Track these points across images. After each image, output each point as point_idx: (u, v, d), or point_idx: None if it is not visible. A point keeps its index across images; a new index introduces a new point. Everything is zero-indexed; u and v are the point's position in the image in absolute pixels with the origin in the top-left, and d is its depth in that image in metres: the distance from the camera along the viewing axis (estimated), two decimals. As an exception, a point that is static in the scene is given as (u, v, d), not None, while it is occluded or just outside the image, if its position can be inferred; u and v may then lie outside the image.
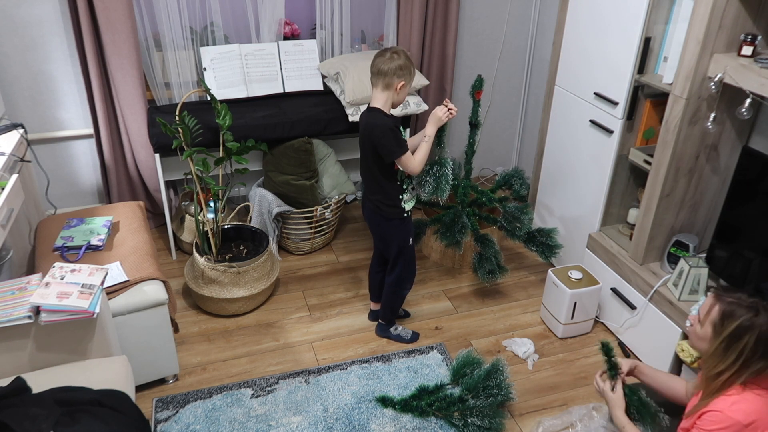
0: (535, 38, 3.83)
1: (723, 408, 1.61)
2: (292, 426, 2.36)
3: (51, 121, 3.22)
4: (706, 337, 1.69)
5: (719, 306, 1.66)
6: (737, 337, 1.61)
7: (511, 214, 3.06)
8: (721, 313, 1.65)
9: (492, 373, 2.44)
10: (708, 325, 1.68)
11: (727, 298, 1.67)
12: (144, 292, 2.28)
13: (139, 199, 3.44)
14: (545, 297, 2.93)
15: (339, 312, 3.00)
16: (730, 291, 1.70)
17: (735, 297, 1.67)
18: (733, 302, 1.65)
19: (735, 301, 1.65)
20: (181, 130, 2.67)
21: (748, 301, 1.64)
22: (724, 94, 2.31)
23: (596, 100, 2.80)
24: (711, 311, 1.68)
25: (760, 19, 2.24)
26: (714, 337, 1.66)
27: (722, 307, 1.66)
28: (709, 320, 1.68)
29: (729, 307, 1.64)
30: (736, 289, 1.73)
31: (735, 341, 1.61)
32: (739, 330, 1.61)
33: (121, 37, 2.96)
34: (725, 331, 1.63)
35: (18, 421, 1.57)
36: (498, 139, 4.13)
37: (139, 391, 2.45)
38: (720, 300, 1.67)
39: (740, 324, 1.61)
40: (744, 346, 1.60)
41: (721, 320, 1.65)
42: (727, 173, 2.58)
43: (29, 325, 1.88)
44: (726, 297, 1.67)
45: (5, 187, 2.10)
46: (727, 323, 1.63)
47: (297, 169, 3.18)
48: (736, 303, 1.64)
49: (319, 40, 3.45)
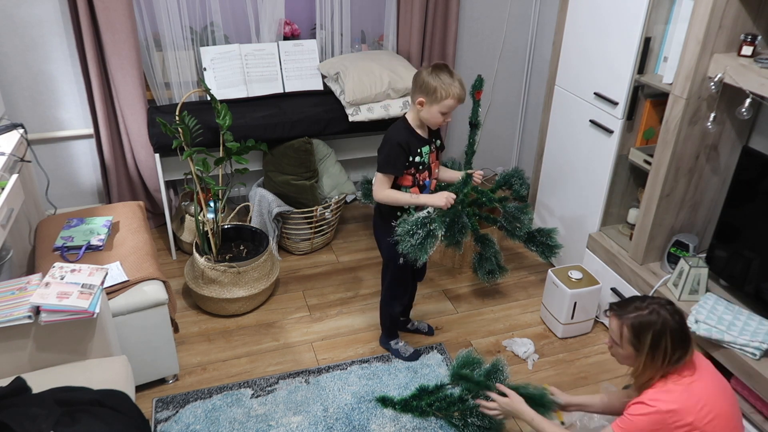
0: (535, 38, 3.83)
1: (643, 398, 1.73)
2: (292, 426, 2.36)
3: (51, 121, 3.22)
4: (630, 355, 1.79)
5: (626, 325, 1.76)
6: (656, 344, 1.72)
7: (511, 214, 3.05)
8: (631, 330, 1.75)
9: (492, 373, 2.44)
10: (627, 345, 1.77)
11: (627, 313, 1.77)
12: (144, 292, 2.28)
13: (139, 199, 3.44)
14: (545, 297, 2.93)
15: (339, 312, 3.00)
16: (625, 305, 1.80)
17: (632, 309, 1.77)
18: (636, 316, 1.74)
19: (637, 315, 1.75)
20: (181, 130, 2.67)
21: (646, 308, 1.75)
22: (724, 94, 2.31)
23: (596, 100, 2.80)
24: (622, 333, 1.77)
25: (760, 19, 2.24)
26: (636, 353, 1.76)
27: (629, 324, 1.75)
28: (625, 341, 1.77)
29: (635, 322, 1.74)
30: (628, 301, 1.81)
31: (656, 349, 1.72)
32: (655, 338, 1.71)
33: (121, 37, 2.96)
34: (645, 345, 1.73)
35: (18, 421, 1.57)
36: (498, 139, 4.13)
37: (139, 391, 2.45)
38: (623, 318, 1.77)
39: (653, 333, 1.72)
40: (665, 349, 1.71)
41: (636, 336, 1.75)
42: (727, 173, 2.58)
43: (29, 325, 1.88)
44: (625, 313, 1.77)
45: (5, 187, 2.10)
46: (642, 337, 1.73)
47: (297, 169, 3.18)
48: (638, 316, 1.74)
49: (319, 40, 3.45)
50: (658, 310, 1.74)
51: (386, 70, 3.19)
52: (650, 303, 1.76)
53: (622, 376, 2.63)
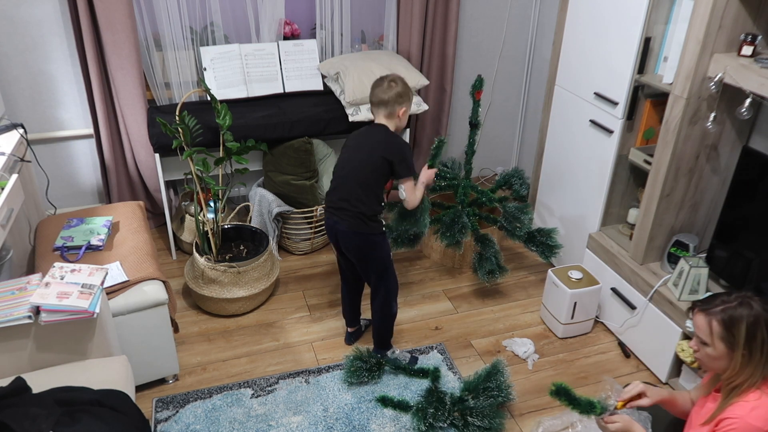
0: (535, 38, 3.83)
1: (742, 414, 1.58)
2: (292, 426, 2.36)
3: (51, 121, 3.22)
4: (722, 355, 1.65)
5: (715, 320, 1.64)
6: (752, 336, 1.59)
7: (511, 214, 3.06)
8: (722, 324, 1.62)
9: (492, 374, 2.45)
10: (718, 343, 1.64)
11: (714, 308, 1.65)
12: (144, 292, 2.28)
13: (139, 199, 3.44)
14: (545, 297, 2.93)
15: (339, 312, 3.00)
16: (709, 301, 1.69)
17: (719, 302, 1.65)
18: (725, 309, 1.63)
19: (725, 308, 1.63)
20: (181, 130, 2.67)
21: (735, 300, 1.63)
22: (724, 94, 2.31)
23: (596, 100, 2.80)
24: (712, 329, 1.65)
25: (760, 19, 2.24)
26: (730, 349, 1.63)
27: (719, 318, 1.63)
28: (716, 338, 1.64)
29: (726, 315, 1.62)
30: (711, 296, 1.72)
31: (752, 341, 1.59)
32: (750, 330, 1.59)
33: (121, 37, 2.96)
34: (740, 339, 1.60)
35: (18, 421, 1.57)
36: (498, 139, 4.13)
37: (139, 391, 2.45)
38: (711, 314, 1.65)
39: (747, 324, 1.59)
40: (762, 341, 1.59)
41: (728, 331, 1.62)
42: (727, 173, 2.58)
43: (29, 325, 1.88)
44: (713, 308, 1.66)
45: (5, 187, 2.10)
46: (735, 331, 1.60)
47: (297, 169, 3.18)
48: (727, 309, 1.63)
49: (319, 40, 3.45)
50: (747, 301, 1.61)
51: (386, 70, 3.19)
52: (737, 295, 1.64)
53: (622, 376, 2.64)
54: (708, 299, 1.70)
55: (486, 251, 3.00)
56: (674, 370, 2.56)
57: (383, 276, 2.47)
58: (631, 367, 2.71)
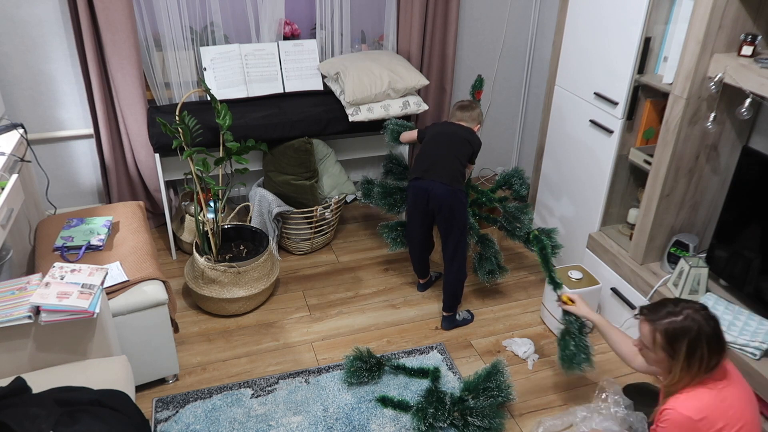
0: (535, 38, 3.83)
1: (675, 405, 1.68)
2: (292, 426, 2.36)
3: (51, 121, 3.22)
4: (662, 360, 1.74)
5: (659, 331, 1.70)
6: (692, 352, 1.66)
7: (511, 214, 3.06)
8: (665, 336, 1.69)
9: (492, 374, 2.44)
10: (660, 351, 1.72)
11: (659, 319, 1.71)
12: (144, 292, 2.28)
13: (139, 199, 3.44)
14: (545, 297, 2.93)
15: (339, 312, 3.00)
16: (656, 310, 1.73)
17: (665, 314, 1.70)
18: (670, 322, 1.68)
19: (671, 321, 1.68)
20: (181, 130, 2.67)
21: (680, 314, 1.68)
22: (724, 94, 2.31)
23: (596, 100, 2.80)
24: (655, 339, 1.72)
25: (760, 19, 2.24)
26: (670, 359, 1.71)
27: (662, 330, 1.70)
28: (658, 347, 1.72)
29: (669, 328, 1.68)
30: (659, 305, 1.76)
31: (692, 356, 1.67)
32: (691, 346, 1.66)
33: (121, 37, 2.96)
34: (680, 353, 1.68)
35: (18, 421, 1.57)
36: (498, 139, 4.13)
37: (139, 391, 2.45)
38: (655, 324, 1.71)
39: (689, 340, 1.66)
40: (701, 356, 1.66)
41: (670, 344, 1.69)
42: (727, 173, 2.58)
43: (29, 325, 1.88)
44: (658, 318, 1.71)
45: (5, 187, 2.10)
46: (677, 345, 1.68)
47: (297, 169, 3.18)
48: (672, 322, 1.68)
49: (319, 40, 3.45)
50: (692, 315, 1.67)
51: (386, 70, 3.19)
52: (684, 307, 1.69)
53: (622, 376, 2.64)
54: (655, 307, 1.76)
55: (486, 251, 3.00)
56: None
57: (462, 236, 2.74)
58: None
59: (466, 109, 2.85)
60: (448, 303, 2.87)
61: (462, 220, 2.72)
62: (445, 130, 2.79)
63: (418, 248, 2.98)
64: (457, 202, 2.67)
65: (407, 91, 3.27)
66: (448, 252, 2.77)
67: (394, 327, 2.91)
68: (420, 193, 2.73)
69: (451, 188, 2.65)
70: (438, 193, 2.66)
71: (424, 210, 2.75)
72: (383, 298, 3.10)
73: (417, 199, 2.76)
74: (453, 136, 2.76)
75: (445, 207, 2.68)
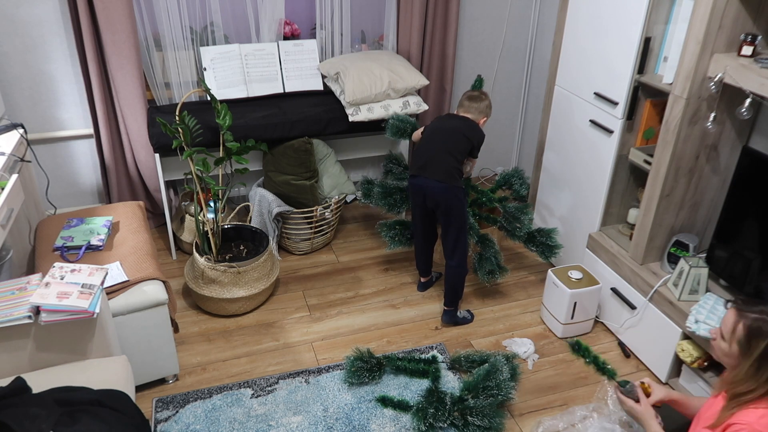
0: (535, 38, 3.83)
1: (751, 421, 1.56)
2: (292, 426, 2.36)
3: (51, 121, 3.22)
4: (732, 354, 1.65)
5: (743, 323, 1.61)
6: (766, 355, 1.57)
7: (511, 214, 3.06)
8: (747, 331, 1.60)
9: (491, 373, 2.44)
10: (734, 344, 1.63)
11: (750, 314, 1.61)
12: (144, 292, 2.28)
13: (139, 199, 3.44)
14: (545, 297, 2.93)
15: (339, 312, 3.00)
16: (751, 304, 1.64)
17: (757, 311, 1.61)
18: (758, 318, 1.59)
19: (759, 317, 1.59)
20: (181, 130, 2.67)
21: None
22: (724, 94, 2.31)
23: (596, 100, 2.80)
24: (735, 329, 1.62)
25: (760, 19, 2.24)
26: (742, 356, 1.62)
27: (747, 324, 1.60)
28: (735, 339, 1.63)
29: (755, 325, 1.59)
30: (756, 301, 1.67)
31: (763, 359, 1.57)
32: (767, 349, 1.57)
33: (121, 37, 2.96)
34: (755, 352, 1.58)
35: (18, 421, 1.57)
36: (498, 139, 4.13)
37: (139, 391, 2.45)
38: (743, 317, 1.62)
39: None
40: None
41: (747, 340, 1.60)
42: (727, 173, 2.58)
43: (29, 325, 1.88)
44: (749, 313, 1.62)
45: (5, 187, 2.10)
46: (755, 343, 1.58)
47: (297, 169, 3.18)
48: (761, 319, 1.59)
49: (319, 40, 3.45)
50: None
51: (386, 70, 3.19)
52: None
53: (622, 376, 2.63)
54: (750, 301, 1.66)
55: (486, 251, 3.00)
56: (674, 370, 2.56)
57: (461, 232, 2.76)
58: (631, 367, 2.71)
59: (475, 100, 2.82)
60: (449, 297, 2.89)
61: (460, 215, 2.73)
62: (443, 126, 2.78)
63: (421, 241, 3.00)
64: (454, 198, 2.68)
65: (407, 91, 3.27)
66: (448, 246, 2.80)
67: (394, 327, 2.91)
68: (417, 191, 2.77)
69: (446, 185, 2.66)
70: (434, 191, 2.68)
71: (423, 206, 2.79)
72: (383, 298, 3.10)
73: (415, 196, 2.81)
74: (451, 132, 2.75)
75: (442, 204, 2.70)
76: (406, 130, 3.12)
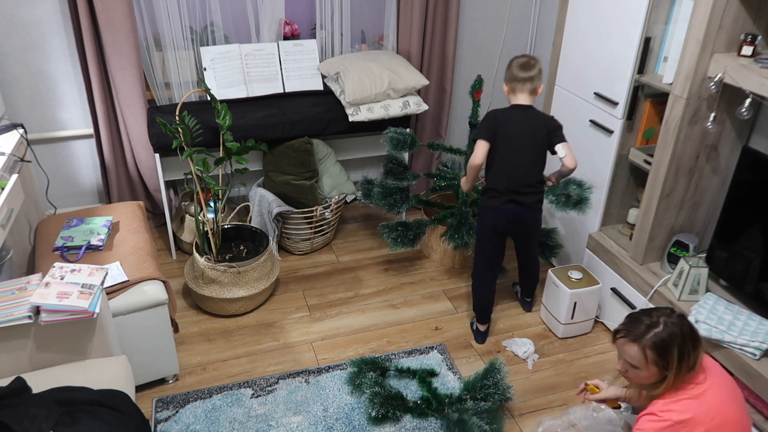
0: (535, 38, 3.83)
1: (655, 410, 1.67)
2: (292, 426, 2.36)
3: (51, 121, 3.22)
4: (653, 375, 1.73)
5: (647, 346, 1.69)
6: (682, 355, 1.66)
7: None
8: (655, 350, 1.68)
9: (490, 373, 2.44)
10: (652, 366, 1.71)
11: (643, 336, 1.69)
12: (144, 292, 2.28)
13: (139, 199, 3.44)
14: (545, 297, 2.93)
15: (339, 312, 3.00)
16: (633, 327, 1.72)
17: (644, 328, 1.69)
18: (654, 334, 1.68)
19: (653, 333, 1.68)
20: (181, 130, 2.67)
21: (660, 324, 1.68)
22: (724, 94, 2.31)
23: (596, 100, 2.80)
24: (645, 355, 1.70)
25: (760, 19, 2.24)
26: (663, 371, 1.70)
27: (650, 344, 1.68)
28: (649, 363, 1.70)
29: (658, 340, 1.67)
30: (631, 322, 1.75)
31: (682, 360, 1.66)
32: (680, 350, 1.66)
33: (121, 37, 2.96)
34: (672, 361, 1.67)
35: (18, 421, 1.57)
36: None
37: (139, 391, 2.45)
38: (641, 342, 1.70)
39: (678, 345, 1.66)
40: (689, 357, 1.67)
41: (661, 355, 1.68)
42: (727, 173, 2.58)
43: (29, 325, 1.88)
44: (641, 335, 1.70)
45: (5, 187, 2.10)
46: (668, 354, 1.67)
47: (297, 169, 3.18)
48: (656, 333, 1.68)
49: (319, 40, 3.45)
50: (669, 321, 1.68)
51: (386, 70, 3.19)
52: (658, 316, 1.70)
53: (622, 376, 2.64)
54: (631, 325, 1.74)
55: (486, 251, 3.00)
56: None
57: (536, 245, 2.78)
58: (631, 367, 2.71)
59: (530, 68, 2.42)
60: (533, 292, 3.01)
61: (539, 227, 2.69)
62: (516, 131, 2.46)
63: (490, 273, 2.70)
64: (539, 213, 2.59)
65: (407, 91, 3.26)
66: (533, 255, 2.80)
67: (394, 327, 2.91)
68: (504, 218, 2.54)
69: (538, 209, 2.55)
70: (526, 216, 2.54)
71: (501, 233, 2.60)
72: (383, 298, 3.10)
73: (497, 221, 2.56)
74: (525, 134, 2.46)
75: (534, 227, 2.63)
76: (405, 141, 3.10)
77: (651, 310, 1.75)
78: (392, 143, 3.11)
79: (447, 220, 3.16)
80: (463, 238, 2.99)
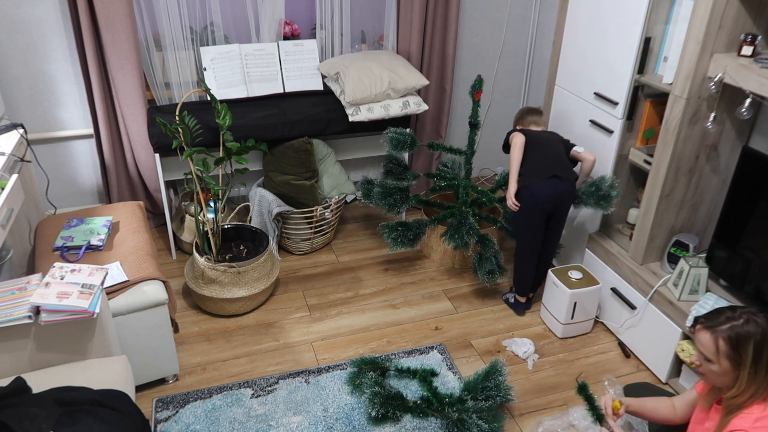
0: (535, 38, 3.83)
1: (747, 426, 1.57)
2: (292, 426, 2.36)
3: (51, 121, 3.22)
4: (726, 372, 1.64)
5: (722, 337, 1.62)
6: (759, 356, 1.58)
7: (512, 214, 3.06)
8: (729, 343, 1.60)
9: (490, 373, 2.45)
10: (723, 360, 1.62)
11: (720, 326, 1.63)
12: (144, 292, 2.28)
13: (139, 199, 3.44)
14: (545, 297, 2.93)
15: (339, 312, 3.00)
16: (713, 317, 1.66)
17: (725, 319, 1.63)
18: (732, 326, 1.61)
19: (732, 325, 1.61)
20: (181, 130, 2.67)
21: (741, 317, 1.61)
22: (724, 94, 2.31)
23: (596, 100, 2.80)
24: (718, 346, 1.62)
25: (760, 19, 2.24)
26: (736, 367, 1.61)
27: (725, 336, 1.61)
28: (721, 355, 1.62)
29: (732, 333, 1.60)
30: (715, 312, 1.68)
31: (758, 361, 1.58)
32: (757, 349, 1.58)
33: (121, 37, 2.96)
34: (746, 358, 1.58)
35: (18, 421, 1.57)
36: (498, 139, 4.13)
37: (139, 391, 2.45)
38: (717, 332, 1.63)
39: (754, 343, 1.58)
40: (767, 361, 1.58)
41: (735, 349, 1.60)
42: (727, 173, 2.58)
43: (29, 325, 1.88)
44: (719, 325, 1.63)
45: (5, 187, 2.10)
46: (742, 350, 1.59)
47: (297, 169, 3.18)
48: (734, 326, 1.60)
49: (319, 40, 3.45)
50: (752, 318, 1.59)
51: (386, 70, 3.19)
52: (742, 312, 1.62)
53: (623, 376, 2.64)
54: (712, 315, 1.67)
55: (486, 251, 3.00)
56: (674, 370, 2.56)
57: None
58: (631, 367, 2.71)
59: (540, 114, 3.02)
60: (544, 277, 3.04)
61: None
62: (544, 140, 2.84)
63: (534, 255, 2.90)
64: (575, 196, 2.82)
65: (407, 91, 3.27)
66: (556, 243, 2.94)
67: (394, 327, 2.92)
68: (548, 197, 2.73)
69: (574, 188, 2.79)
70: (565, 195, 2.76)
71: (546, 214, 2.78)
72: (383, 298, 3.10)
73: (544, 203, 2.74)
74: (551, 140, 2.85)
75: (569, 204, 2.82)
76: (405, 142, 3.11)
77: (738, 306, 1.67)
78: (392, 143, 3.11)
79: (447, 220, 3.16)
80: (463, 238, 2.99)
